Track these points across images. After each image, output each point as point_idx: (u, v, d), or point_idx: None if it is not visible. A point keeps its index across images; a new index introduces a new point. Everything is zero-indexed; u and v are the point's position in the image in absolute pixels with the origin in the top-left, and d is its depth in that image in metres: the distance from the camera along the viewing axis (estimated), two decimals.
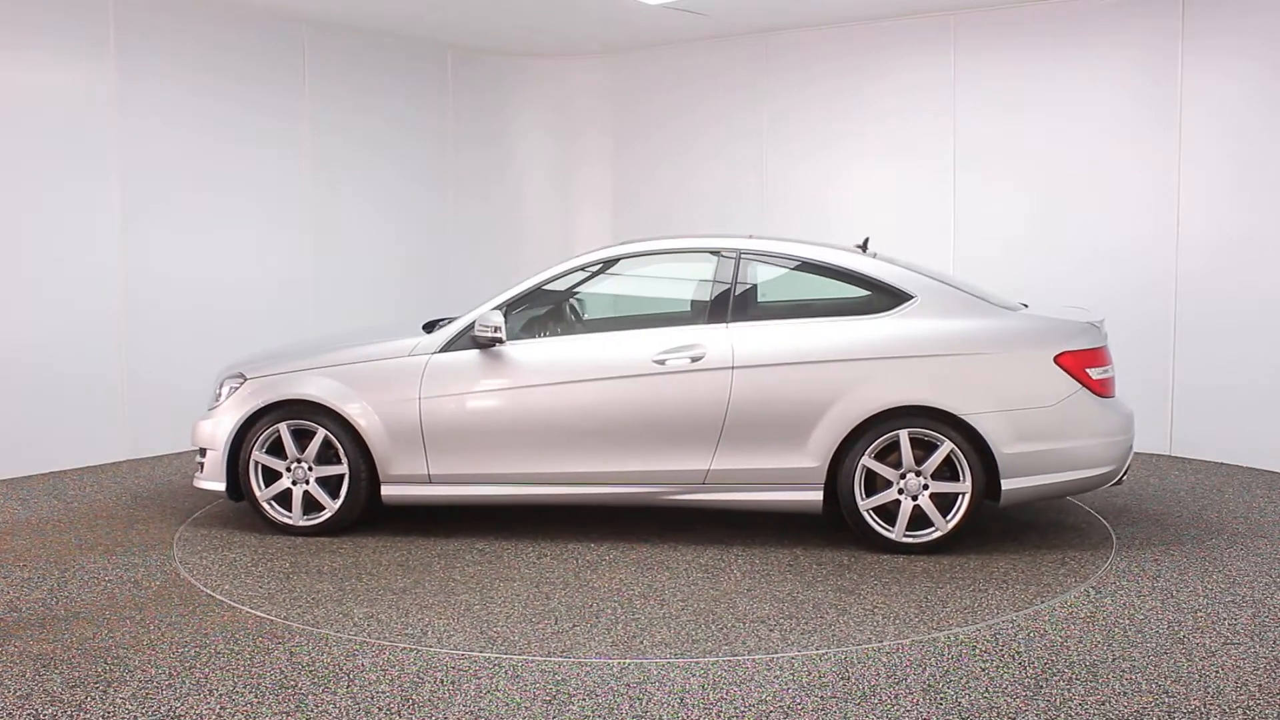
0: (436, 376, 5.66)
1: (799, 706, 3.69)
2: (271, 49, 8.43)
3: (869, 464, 5.31)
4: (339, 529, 5.80)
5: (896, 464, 5.31)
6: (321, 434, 5.71)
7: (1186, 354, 7.54)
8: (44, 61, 7.22)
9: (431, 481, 5.69)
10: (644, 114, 10.00)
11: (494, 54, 10.08)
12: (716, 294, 5.63)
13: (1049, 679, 3.89)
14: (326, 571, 5.24)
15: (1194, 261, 7.46)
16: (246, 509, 6.14)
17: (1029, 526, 5.87)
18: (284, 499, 5.82)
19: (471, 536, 5.80)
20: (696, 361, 5.44)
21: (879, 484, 5.35)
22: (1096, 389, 5.33)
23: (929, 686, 3.84)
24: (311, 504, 5.80)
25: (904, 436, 5.28)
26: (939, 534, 5.30)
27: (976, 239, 8.30)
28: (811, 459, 5.35)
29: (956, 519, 5.28)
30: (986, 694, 3.77)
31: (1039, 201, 8.04)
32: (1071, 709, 3.65)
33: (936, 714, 3.63)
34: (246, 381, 5.88)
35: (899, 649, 4.19)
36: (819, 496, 5.39)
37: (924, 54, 8.42)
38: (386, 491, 5.74)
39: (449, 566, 5.31)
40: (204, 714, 3.65)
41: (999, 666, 4.01)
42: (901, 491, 5.31)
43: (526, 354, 5.65)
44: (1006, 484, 5.26)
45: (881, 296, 5.50)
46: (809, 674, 3.96)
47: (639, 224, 9.80)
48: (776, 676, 3.94)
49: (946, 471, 5.30)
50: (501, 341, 5.62)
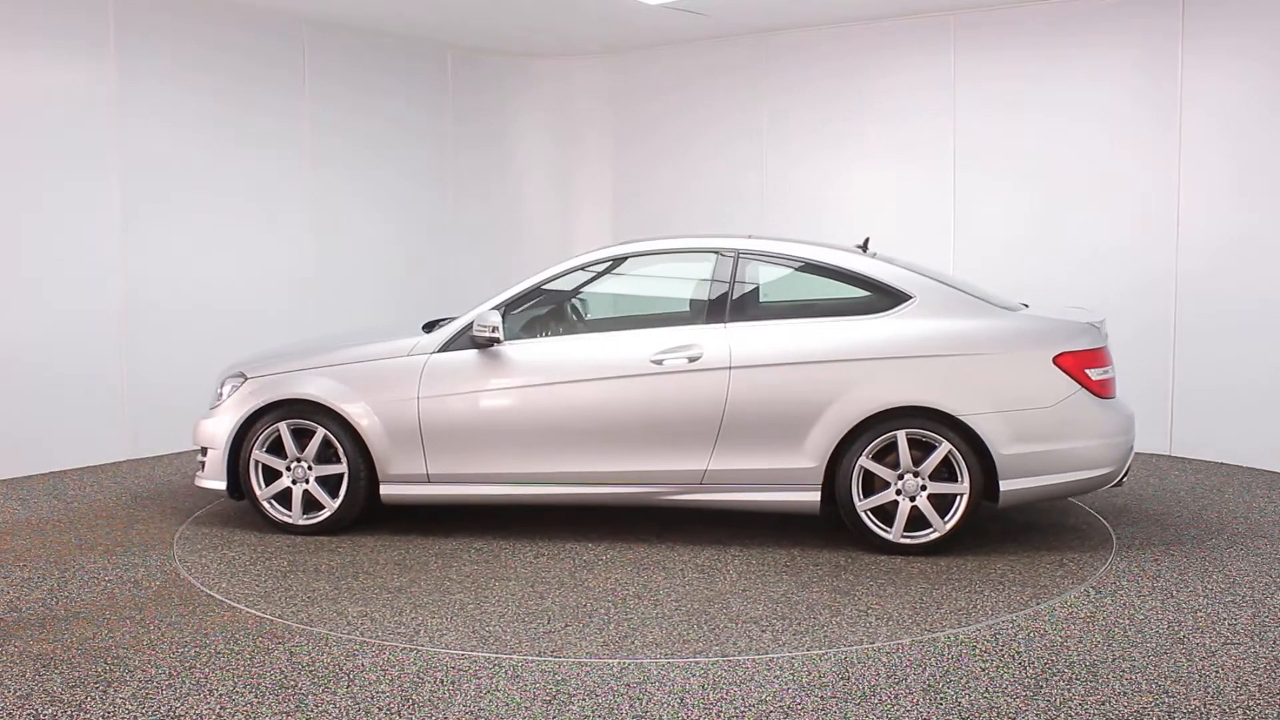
0: (435, 376, 5.67)
1: (799, 706, 3.69)
2: (271, 49, 8.43)
3: (867, 464, 5.30)
4: (338, 528, 5.81)
5: (894, 465, 5.30)
6: (321, 433, 5.72)
7: (1186, 354, 7.54)
8: (44, 61, 7.21)
9: (430, 481, 5.70)
10: (644, 114, 10.00)
11: (494, 54, 10.08)
12: (714, 294, 5.63)
13: (1049, 679, 3.89)
14: (324, 570, 5.25)
15: (1194, 261, 7.46)
16: (247, 508, 6.14)
17: (1028, 527, 5.87)
18: (284, 498, 5.83)
19: (470, 536, 5.80)
20: (694, 361, 5.44)
21: (877, 485, 5.34)
22: (1096, 390, 5.31)
23: (929, 686, 3.84)
24: (311, 503, 5.81)
25: (902, 437, 5.27)
26: (937, 535, 5.29)
27: (976, 239, 8.30)
28: (809, 459, 5.34)
29: (954, 520, 5.27)
30: (986, 694, 3.77)
31: (1039, 201, 8.04)
32: (1071, 709, 3.65)
33: (936, 714, 3.63)
34: (247, 381, 5.90)
35: (898, 649, 4.19)
36: (816, 497, 5.39)
37: (924, 54, 8.42)
38: (385, 491, 5.74)
39: (445, 566, 5.31)
40: (204, 714, 3.65)
41: (999, 666, 4.01)
42: (899, 492, 5.30)
43: (524, 354, 5.65)
44: (1005, 485, 5.25)
45: (880, 297, 5.49)
46: (809, 674, 3.96)
47: (639, 224, 9.80)
48: (776, 676, 3.94)
49: (945, 472, 5.29)
50: (499, 341, 5.62)
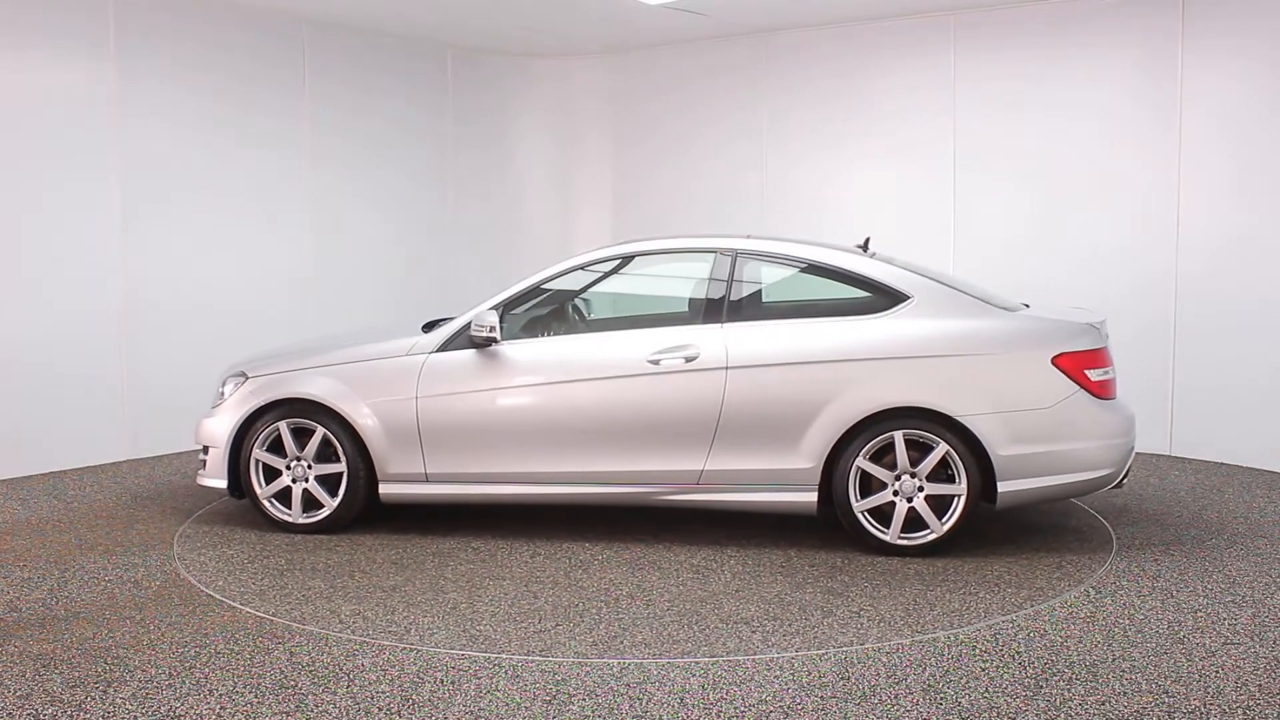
0: (433, 376, 5.67)
1: (799, 706, 3.69)
2: (271, 49, 8.43)
3: (864, 465, 5.28)
4: (338, 527, 5.81)
5: (891, 465, 5.28)
6: (320, 432, 5.73)
7: (1186, 354, 7.53)
8: (44, 61, 7.21)
9: (428, 480, 5.70)
10: (644, 114, 10.00)
11: (494, 54, 10.08)
12: (712, 294, 5.61)
13: (1049, 679, 3.89)
14: (321, 569, 5.25)
15: (1194, 261, 7.46)
16: (248, 507, 6.15)
17: (1028, 528, 5.86)
18: (284, 496, 5.84)
19: (468, 535, 5.80)
20: (691, 362, 5.43)
21: (874, 486, 5.32)
22: (1095, 391, 5.28)
23: (929, 686, 3.84)
24: (311, 502, 5.82)
25: (899, 438, 5.25)
26: (934, 536, 5.27)
27: (976, 239, 8.30)
28: (806, 460, 5.33)
29: (952, 521, 5.25)
30: (986, 694, 3.77)
31: (1039, 201, 8.04)
32: (1071, 709, 3.65)
33: (936, 714, 3.62)
34: (248, 380, 5.91)
35: (898, 649, 4.19)
36: (813, 498, 5.37)
37: (924, 54, 8.42)
38: (384, 490, 5.75)
39: (442, 565, 5.32)
40: (204, 714, 3.65)
41: (999, 666, 4.01)
42: (896, 493, 5.29)
43: (522, 353, 5.65)
44: (1003, 486, 5.23)
45: (878, 297, 5.47)
46: (809, 674, 3.96)
47: (639, 224, 9.80)
48: (776, 677, 3.94)
49: (942, 473, 5.27)
50: (496, 341, 5.63)
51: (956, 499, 5.25)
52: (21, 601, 4.79)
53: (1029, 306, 5.75)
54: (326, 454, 5.78)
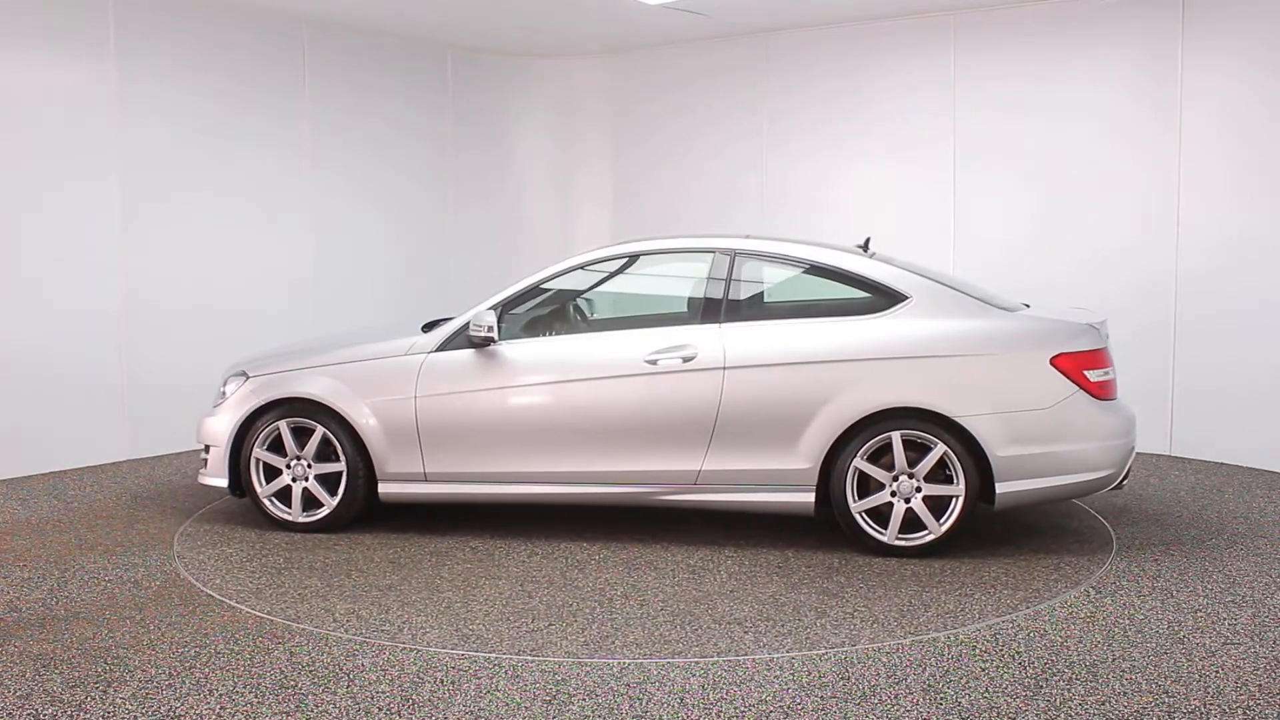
0: (432, 376, 5.68)
1: (799, 706, 3.69)
2: (271, 49, 8.43)
3: (861, 466, 5.27)
4: (337, 526, 5.82)
5: (889, 466, 5.27)
6: (320, 432, 5.75)
7: (1186, 354, 7.53)
8: (44, 61, 7.21)
9: (427, 480, 5.70)
10: (644, 114, 10.00)
11: (494, 54, 10.08)
12: (710, 294, 5.61)
13: (1049, 679, 3.89)
14: (318, 567, 5.26)
15: (1194, 261, 7.46)
16: (249, 506, 6.15)
17: (1028, 529, 5.86)
18: (284, 495, 5.86)
19: (466, 535, 5.80)
20: (688, 361, 5.43)
21: (872, 486, 5.31)
22: (1095, 391, 5.25)
23: (929, 686, 3.84)
24: (311, 501, 5.83)
25: (896, 438, 5.23)
26: (932, 537, 5.25)
27: (976, 239, 8.30)
28: (803, 460, 5.32)
29: (950, 522, 5.23)
30: (986, 694, 3.77)
31: (1039, 201, 8.04)
32: (1071, 709, 3.65)
33: (936, 714, 3.62)
34: (248, 379, 5.92)
35: (899, 649, 4.19)
36: (811, 498, 5.36)
37: (924, 54, 8.42)
38: (383, 489, 5.76)
39: (438, 564, 5.32)
40: (204, 714, 3.65)
41: (999, 666, 4.01)
42: (894, 494, 5.27)
43: (520, 353, 5.65)
44: (1001, 487, 5.21)
45: (876, 297, 5.46)
46: (809, 674, 3.96)
47: (639, 224, 9.80)
48: (776, 677, 3.94)
49: (940, 474, 5.25)
50: (494, 341, 5.63)
51: (954, 500, 5.23)
52: (21, 601, 4.79)
53: (1029, 306, 5.74)
54: (326, 453, 5.79)
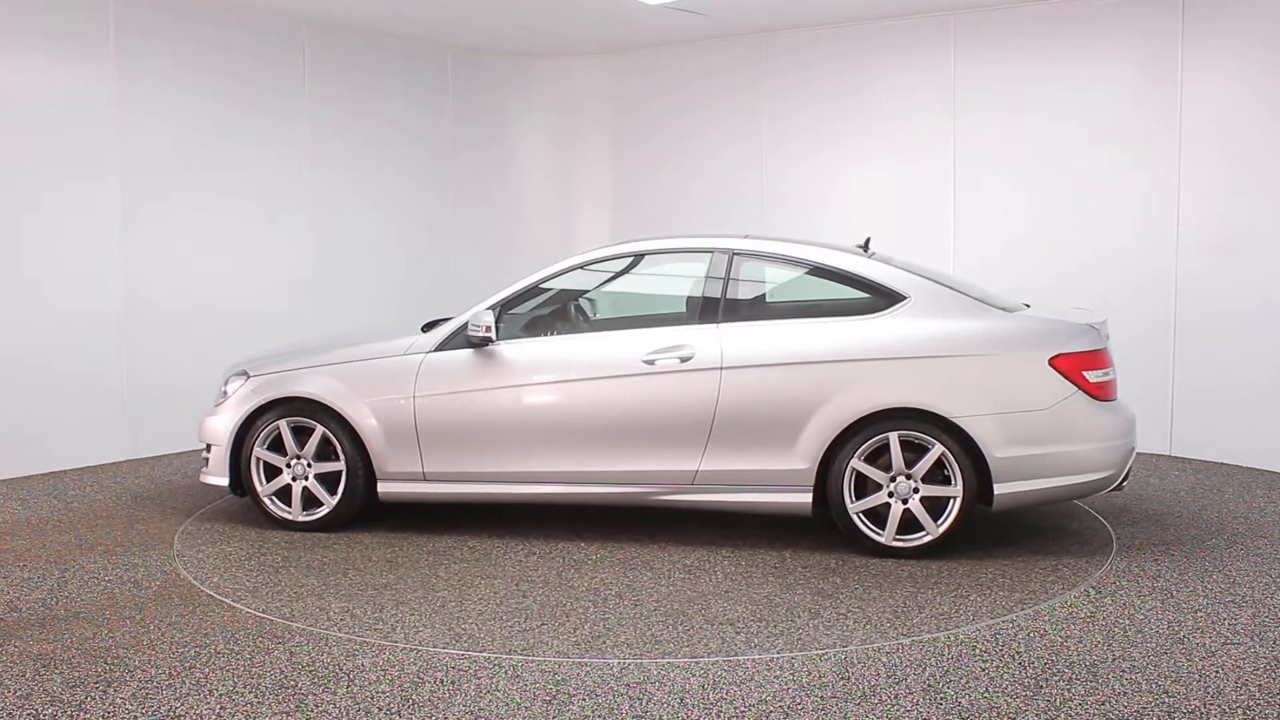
0: (430, 375, 5.68)
1: (799, 706, 3.69)
2: (271, 49, 8.43)
3: (858, 466, 5.25)
4: (337, 525, 5.83)
5: (887, 467, 5.25)
6: (320, 431, 5.76)
7: (1186, 354, 7.53)
8: (44, 61, 7.21)
9: (426, 479, 5.71)
10: (644, 114, 10.00)
11: (494, 54, 10.08)
12: (708, 294, 5.60)
13: (1049, 679, 3.89)
14: (315, 566, 5.27)
15: (1194, 261, 7.46)
16: (250, 505, 6.15)
17: (1027, 530, 5.85)
18: (284, 494, 5.87)
19: (464, 534, 5.81)
20: (685, 362, 5.42)
21: (869, 487, 5.29)
22: (1094, 392, 5.22)
23: (929, 686, 3.84)
24: (311, 500, 5.84)
25: (894, 439, 5.21)
26: (929, 538, 5.23)
27: (976, 239, 8.30)
28: (800, 461, 5.31)
29: (947, 523, 5.20)
30: (986, 694, 3.77)
31: (1039, 201, 8.04)
32: (1071, 709, 3.65)
33: (936, 714, 3.62)
34: (249, 379, 5.93)
35: (898, 649, 4.19)
36: (808, 499, 5.34)
37: (924, 54, 8.42)
38: (383, 488, 5.76)
39: (435, 564, 5.33)
40: (204, 714, 3.65)
41: (999, 666, 4.01)
42: (891, 495, 5.25)
43: (518, 353, 5.66)
44: (999, 488, 5.18)
45: (874, 297, 5.44)
46: (809, 674, 3.96)
47: (639, 224, 9.80)
48: (776, 676, 3.94)
49: (938, 475, 5.23)
50: (492, 341, 5.63)
51: (952, 501, 5.21)
52: (21, 601, 4.79)
53: (1029, 307, 5.73)
54: (326, 452, 5.80)
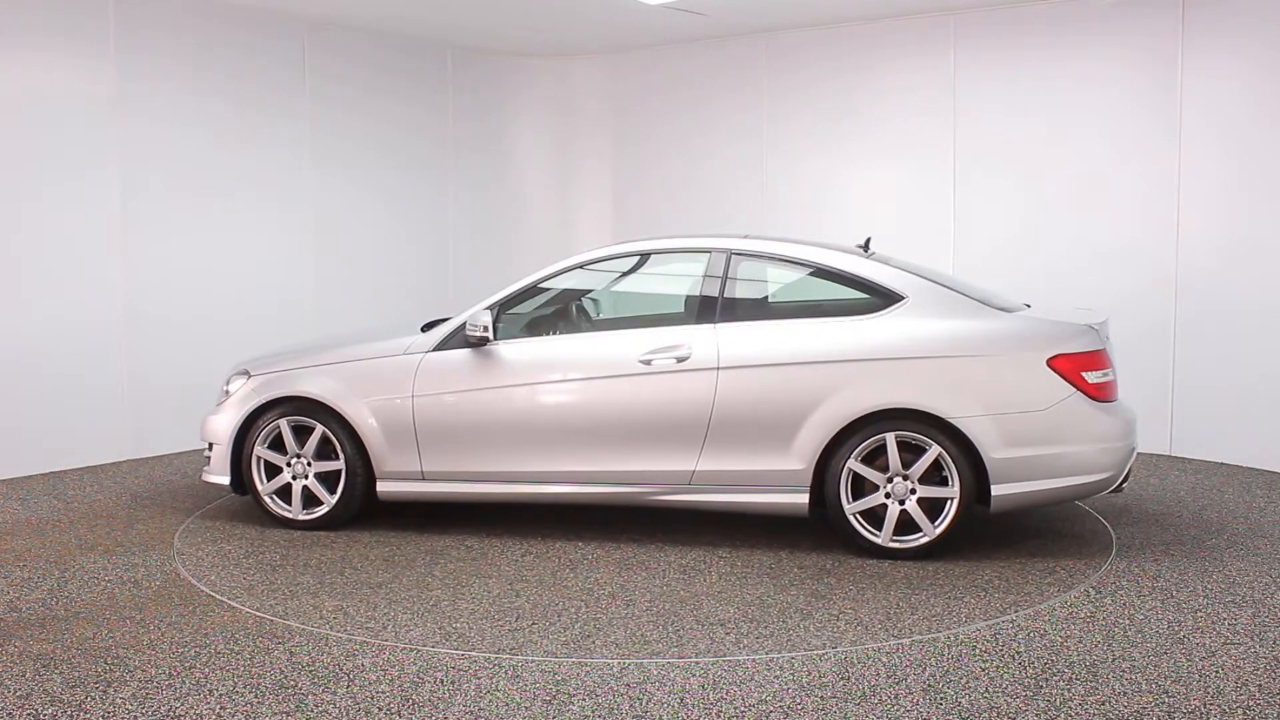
0: (429, 375, 5.69)
1: (799, 706, 3.69)
2: (272, 48, 8.43)
3: (855, 467, 5.23)
4: (337, 524, 5.84)
5: (884, 468, 5.23)
6: (320, 430, 5.77)
7: (1186, 354, 7.53)
8: (44, 61, 7.21)
9: (424, 478, 5.72)
10: (644, 114, 10.00)
11: (494, 54, 10.08)
12: (705, 294, 5.60)
13: (1049, 679, 3.89)
14: (312, 565, 5.28)
15: (1194, 262, 7.46)
16: (251, 503, 6.16)
17: (1026, 531, 5.85)
18: (285, 493, 5.88)
19: (462, 534, 5.81)
20: (682, 362, 5.42)
21: (866, 488, 5.27)
22: (1093, 393, 5.19)
23: (929, 686, 3.84)
24: (311, 499, 5.85)
25: (891, 440, 5.19)
26: (926, 539, 5.20)
27: (976, 239, 8.30)
28: (797, 461, 5.29)
29: (944, 524, 5.18)
30: (986, 694, 3.77)
31: (1039, 202, 8.04)
32: (1071, 709, 3.65)
33: (936, 714, 3.62)
34: (250, 378, 5.95)
35: (899, 649, 4.19)
36: (805, 499, 5.32)
37: (924, 54, 8.42)
38: (382, 487, 5.77)
39: (431, 563, 5.33)
40: (204, 714, 3.65)
41: (999, 666, 4.01)
42: (888, 496, 5.23)
43: (516, 353, 5.66)
44: (996, 489, 5.15)
45: (872, 297, 5.42)
46: (809, 674, 3.96)
47: (639, 224, 9.80)
48: (776, 676, 3.94)
49: (935, 476, 5.20)
50: (489, 341, 5.63)
51: (949, 502, 5.19)
52: (21, 601, 4.79)
53: (1030, 307, 5.72)
54: (326, 451, 5.81)
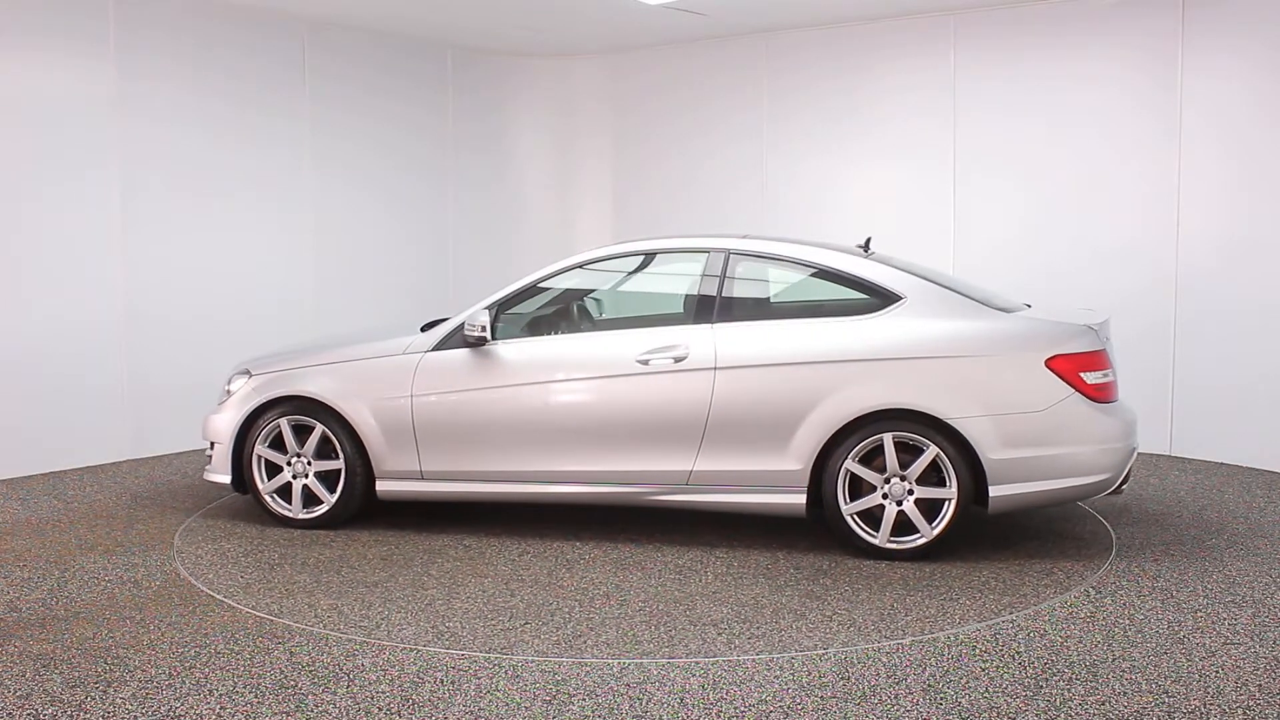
0: (427, 375, 5.70)
1: (799, 706, 3.69)
2: (272, 48, 8.43)
3: (852, 468, 5.22)
4: (336, 523, 5.85)
5: (881, 468, 5.21)
6: (319, 430, 5.78)
7: (1186, 354, 7.53)
8: (44, 61, 7.21)
9: (423, 478, 5.73)
10: (644, 114, 10.00)
11: (494, 54, 10.08)
12: (703, 294, 5.59)
13: (1049, 679, 3.89)
14: (310, 564, 5.29)
15: (1194, 262, 7.46)
16: (253, 502, 6.16)
17: (1026, 532, 5.84)
18: (285, 492, 5.89)
19: (461, 533, 5.82)
20: (679, 362, 5.42)
21: (864, 488, 5.26)
22: (1092, 394, 5.16)
23: (929, 686, 3.84)
24: (311, 498, 5.86)
25: (888, 440, 5.17)
26: (924, 540, 5.19)
27: (976, 240, 8.30)
28: (794, 462, 5.28)
29: (942, 525, 5.17)
30: (986, 694, 3.77)
31: (1039, 202, 8.04)
32: (1071, 709, 3.65)
33: (936, 714, 3.62)
34: (251, 378, 5.97)
35: (898, 649, 4.19)
36: (802, 500, 5.31)
37: (924, 54, 8.42)
38: (381, 487, 5.78)
39: (428, 562, 5.34)
40: (204, 714, 3.65)
41: (999, 666, 4.01)
42: (886, 496, 5.22)
43: (514, 353, 5.66)
44: (994, 490, 5.13)
45: (870, 297, 5.41)
46: (809, 674, 3.96)
47: (639, 224, 9.80)
48: (776, 676, 3.94)
49: (933, 477, 5.18)
50: (488, 341, 5.63)
51: (947, 503, 5.18)
52: (21, 601, 4.79)
53: (1031, 307, 5.71)
54: (326, 451, 5.82)
